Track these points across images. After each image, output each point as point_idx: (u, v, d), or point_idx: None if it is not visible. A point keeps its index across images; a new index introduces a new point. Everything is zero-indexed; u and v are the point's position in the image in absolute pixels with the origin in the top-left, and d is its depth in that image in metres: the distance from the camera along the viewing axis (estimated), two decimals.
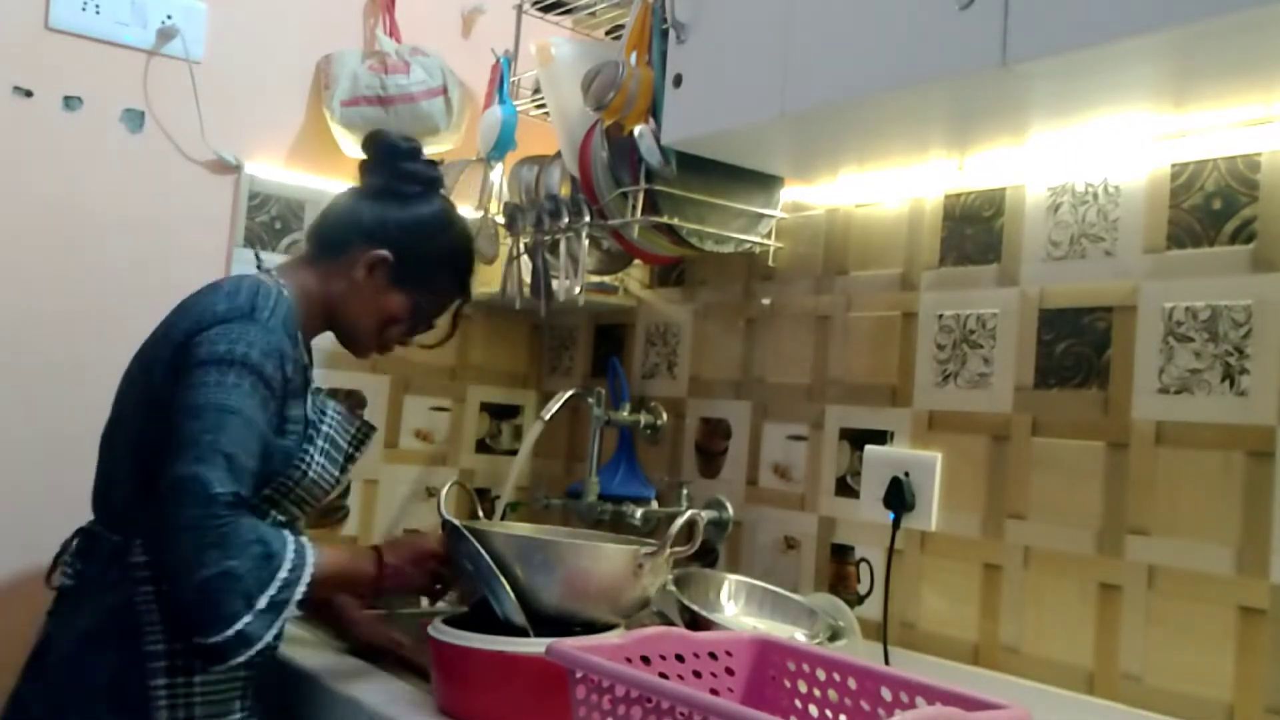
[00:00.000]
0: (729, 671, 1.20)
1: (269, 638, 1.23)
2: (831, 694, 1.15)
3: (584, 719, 1.06)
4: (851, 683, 1.13)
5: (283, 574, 1.25)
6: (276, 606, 1.24)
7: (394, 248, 1.48)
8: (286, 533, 1.30)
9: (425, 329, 1.59)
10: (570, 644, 1.08)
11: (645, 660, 1.14)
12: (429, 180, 1.55)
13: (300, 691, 1.49)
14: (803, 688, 1.18)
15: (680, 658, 1.17)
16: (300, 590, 1.26)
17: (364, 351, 1.57)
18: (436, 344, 1.63)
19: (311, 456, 1.40)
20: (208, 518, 1.21)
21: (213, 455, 1.24)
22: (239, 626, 1.20)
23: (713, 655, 1.19)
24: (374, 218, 1.50)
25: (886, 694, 1.10)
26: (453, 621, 1.30)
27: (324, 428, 1.43)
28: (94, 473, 1.47)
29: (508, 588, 1.28)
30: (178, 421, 1.26)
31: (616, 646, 1.12)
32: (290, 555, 1.27)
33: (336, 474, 1.46)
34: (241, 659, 1.22)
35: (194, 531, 1.21)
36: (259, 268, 1.52)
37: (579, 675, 1.06)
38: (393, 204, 1.52)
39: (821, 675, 1.16)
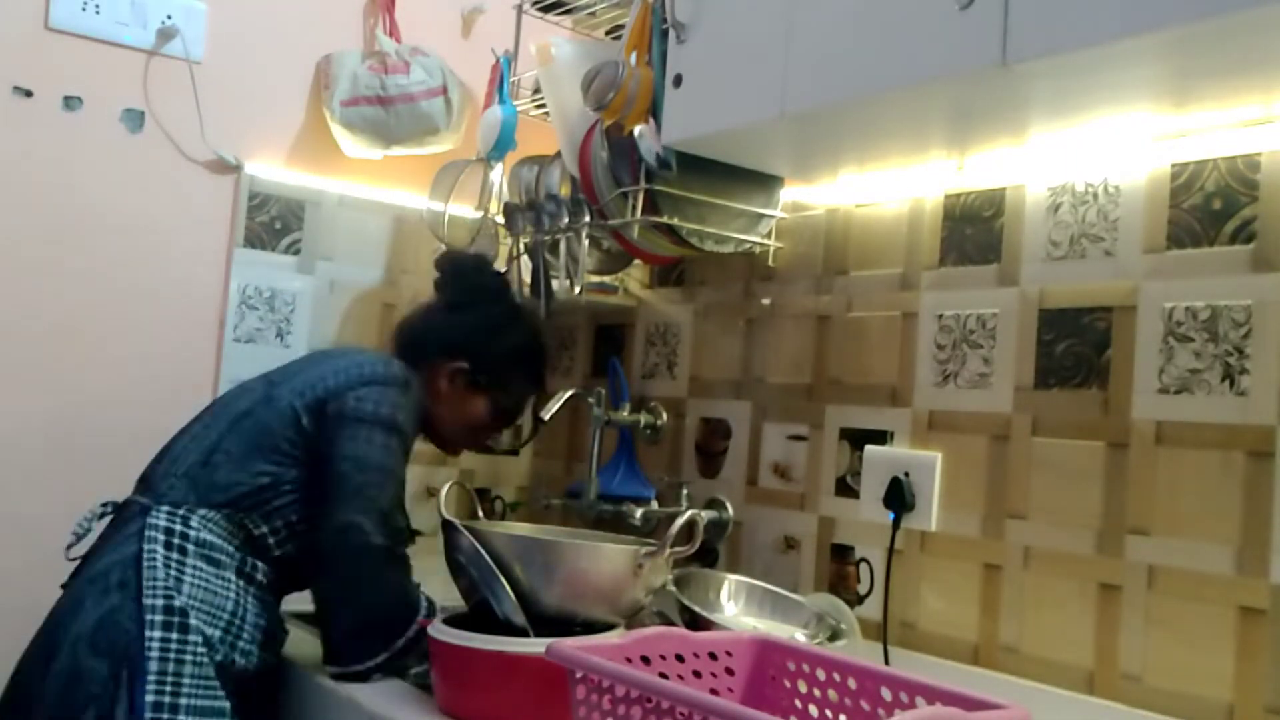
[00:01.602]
0: (729, 671, 1.20)
1: (389, 668, 1.39)
2: (831, 694, 1.15)
3: (584, 719, 1.06)
4: (851, 683, 1.13)
5: (418, 621, 1.40)
6: (408, 647, 1.39)
7: (470, 356, 1.61)
8: (419, 588, 1.44)
9: (511, 424, 1.72)
10: (570, 644, 1.08)
11: (645, 660, 1.13)
12: (496, 289, 1.69)
13: (300, 691, 1.49)
14: (803, 688, 1.18)
15: (680, 658, 1.17)
16: (416, 628, 1.39)
17: (450, 450, 1.72)
18: (522, 444, 1.79)
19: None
20: (366, 559, 1.38)
21: (373, 509, 1.39)
22: (377, 662, 1.38)
23: (713, 655, 1.19)
24: (452, 329, 1.64)
25: (886, 694, 1.10)
26: (453, 621, 1.30)
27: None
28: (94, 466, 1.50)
29: (508, 588, 1.28)
30: (345, 470, 1.40)
31: (616, 646, 1.12)
32: (424, 606, 1.42)
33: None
34: (369, 679, 1.38)
35: (350, 571, 1.38)
36: None
37: (579, 675, 1.06)
38: (467, 315, 1.64)
39: (821, 675, 1.16)
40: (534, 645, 1.22)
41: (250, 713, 1.44)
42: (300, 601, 1.48)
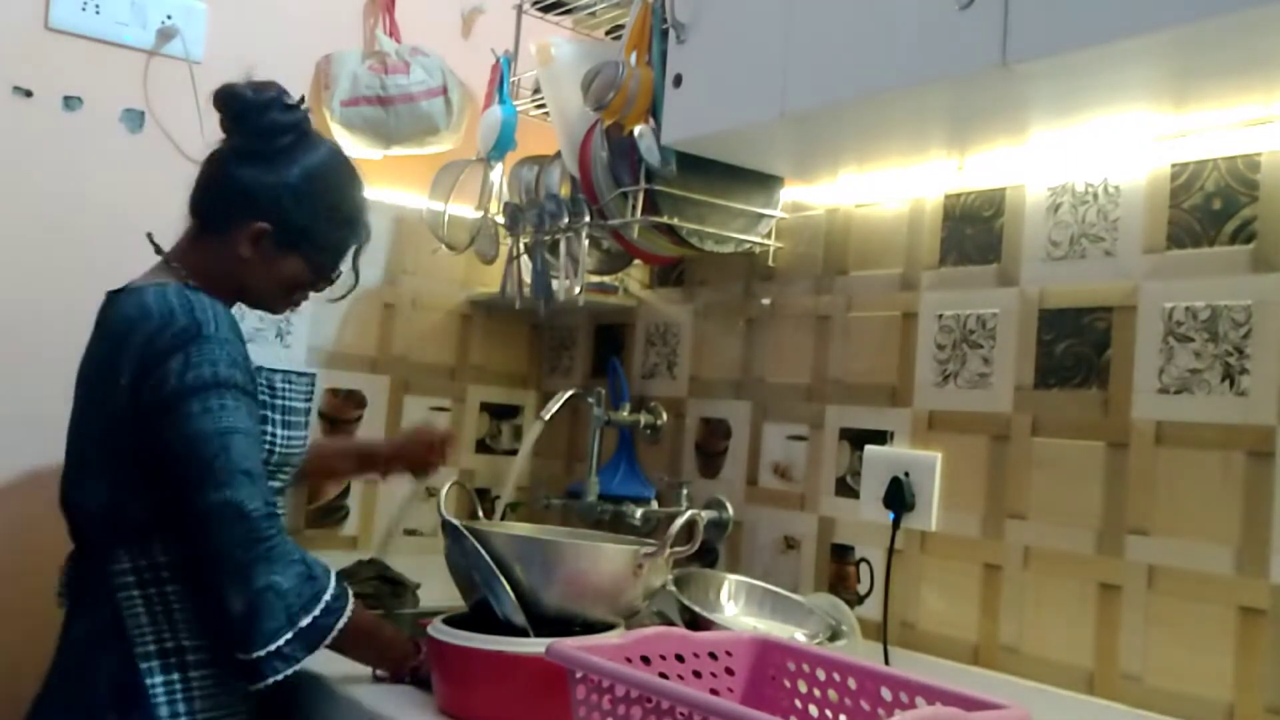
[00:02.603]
0: (729, 671, 1.20)
1: (304, 659, 1.26)
2: (831, 694, 1.15)
3: (584, 719, 1.06)
4: (851, 683, 1.13)
5: (327, 598, 1.27)
6: (317, 630, 1.26)
7: (270, 216, 1.40)
8: (329, 565, 1.32)
9: (331, 280, 1.51)
10: (570, 644, 1.08)
11: (645, 660, 1.14)
12: (292, 127, 1.44)
13: (300, 691, 1.49)
14: (803, 688, 1.18)
15: (680, 658, 1.17)
16: (341, 621, 1.28)
17: (276, 312, 1.52)
18: (344, 295, 1.55)
19: (274, 435, 1.39)
20: (250, 534, 1.24)
21: (232, 476, 1.26)
22: (279, 644, 1.23)
23: (713, 655, 1.19)
24: (244, 186, 1.42)
25: (886, 694, 1.10)
26: (453, 621, 1.30)
27: (278, 400, 1.41)
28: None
29: (508, 588, 1.28)
30: (182, 454, 1.27)
31: (616, 646, 1.12)
32: (333, 585, 1.29)
33: (305, 435, 1.45)
34: (277, 678, 1.24)
35: (239, 550, 1.24)
36: (157, 252, 1.49)
37: (579, 675, 1.06)
38: (260, 167, 1.42)
39: (821, 675, 1.16)
40: (534, 645, 1.22)
41: (273, 711, 1.42)
42: None
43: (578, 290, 1.84)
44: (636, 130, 1.63)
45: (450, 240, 2.10)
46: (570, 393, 1.88)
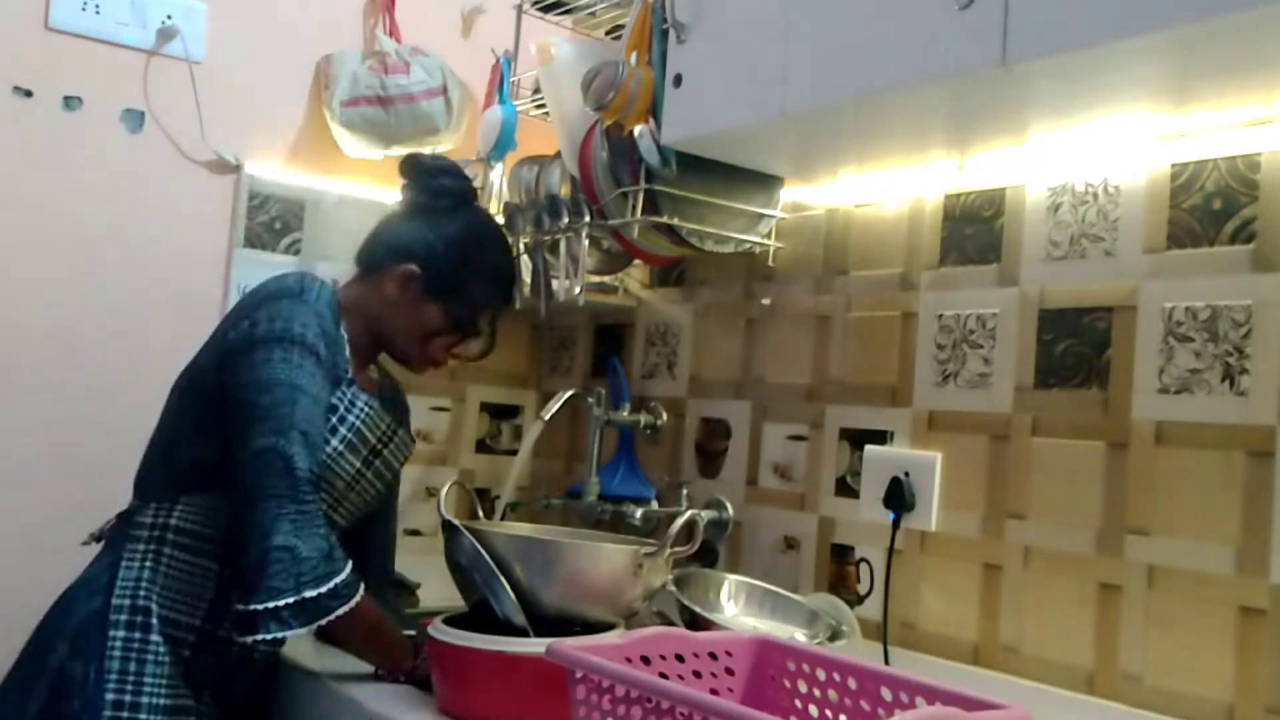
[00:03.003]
0: (729, 671, 1.20)
1: (298, 630, 1.25)
2: (831, 694, 1.15)
3: (584, 719, 1.06)
4: (851, 683, 1.13)
5: (337, 580, 1.27)
6: (319, 607, 1.26)
7: (422, 261, 1.50)
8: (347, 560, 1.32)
9: (471, 338, 1.59)
10: (570, 644, 1.08)
11: (645, 660, 1.14)
12: (459, 193, 1.57)
13: (300, 691, 1.49)
14: (803, 688, 1.18)
15: (680, 658, 1.17)
16: (345, 607, 1.28)
17: (414, 366, 1.57)
18: (479, 356, 1.64)
19: (333, 445, 1.40)
20: (290, 490, 1.26)
21: (290, 430, 1.28)
22: (279, 604, 1.23)
23: (713, 655, 1.19)
24: (405, 234, 1.54)
25: (886, 694, 1.10)
26: (453, 621, 1.30)
27: (350, 418, 1.43)
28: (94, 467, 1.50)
29: (508, 587, 1.29)
30: (247, 396, 1.30)
31: (616, 646, 1.12)
32: (348, 573, 1.29)
33: (357, 465, 1.45)
34: (265, 638, 1.24)
35: (274, 501, 1.25)
36: None
37: (579, 675, 1.06)
38: (424, 220, 1.54)
39: (821, 675, 1.16)
40: (534, 645, 1.22)
41: (235, 710, 1.44)
42: None
43: (578, 290, 1.84)
44: (636, 130, 1.63)
45: None
46: (570, 393, 1.88)
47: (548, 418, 1.84)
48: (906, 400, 1.62)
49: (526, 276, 2.00)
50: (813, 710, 1.17)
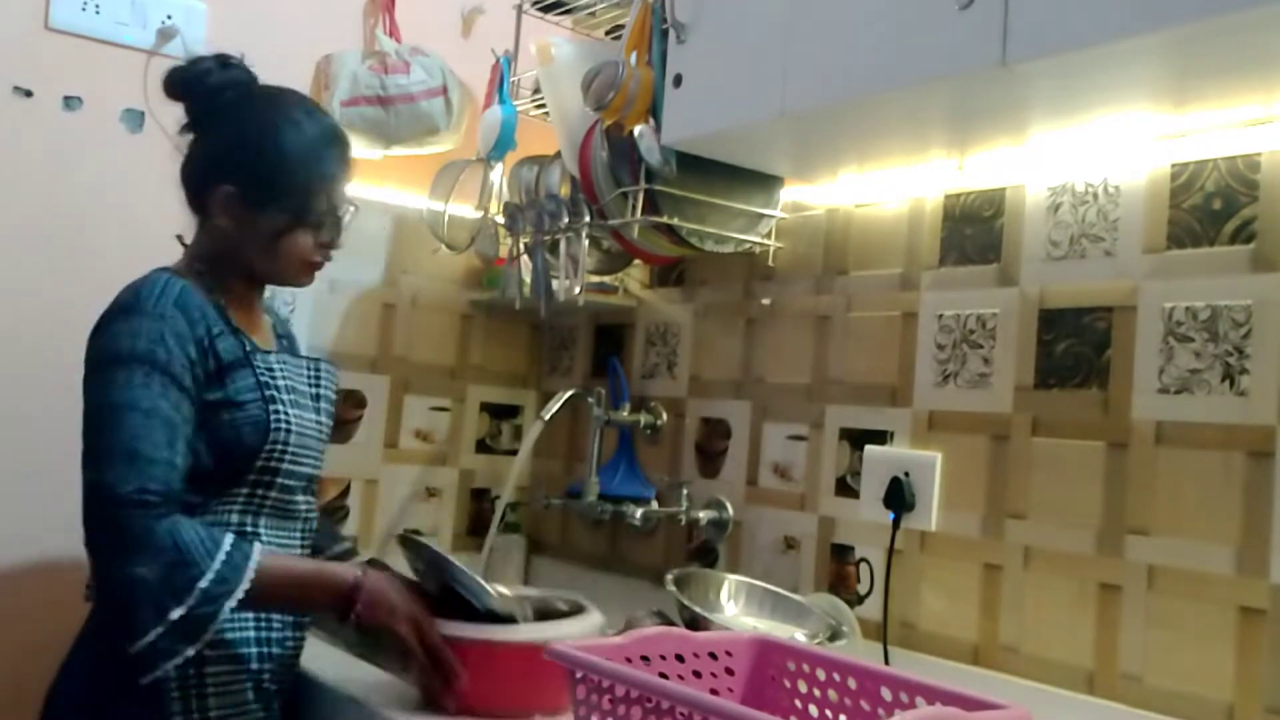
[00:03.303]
0: (729, 671, 1.20)
1: (191, 649, 1.19)
2: (831, 694, 1.15)
3: (584, 718, 1.06)
4: (851, 683, 1.13)
5: (204, 584, 1.18)
6: (195, 621, 1.18)
7: (231, 175, 1.37)
8: (226, 538, 1.23)
9: (326, 230, 1.43)
10: (570, 644, 1.08)
11: (645, 660, 1.14)
12: (231, 84, 1.41)
13: (300, 691, 1.49)
14: (803, 688, 1.18)
15: (680, 658, 1.17)
16: (228, 603, 1.20)
17: (291, 280, 1.46)
18: (335, 239, 1.46)
19: (283, 414, 1.36)
20: (113, 520, 1.19)
21: (109, 457, 1.21)
22: (150, 638, 1.17)
23: (713, 655, 1.20)
24: (205, 156, 1.41)
25: (886, 694, 1.10)
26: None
27: (280, 381, 1.38)
28: None
29: (481, 580, 1.29)
30: (85, 426, 1.25)
31: (617, 646, 1.12)
32: (217, 565, 1.20)
33: (317, 418, 1.43)
34: (164, 671, 1.20)
35: (101, 535, 1.20)
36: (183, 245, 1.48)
37: (579, 675, 1.06)
38: (210, 132, 1.41)
39: (821, 675, 1.16)
40: (522, 631, 1.24)
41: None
42: None
43: (578, 290, 1.84)
44: (636, 130, 1.63)
45: (450, 240, 2.10)
46: (570, 393, 1.88)
47: (548, 418, 1.84)
48: (906, 400, 1.62)
49: (526, 276, 2.00)
50: (813, 710, 1.17)
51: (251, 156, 1.38)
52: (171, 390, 1.26)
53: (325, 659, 1.54)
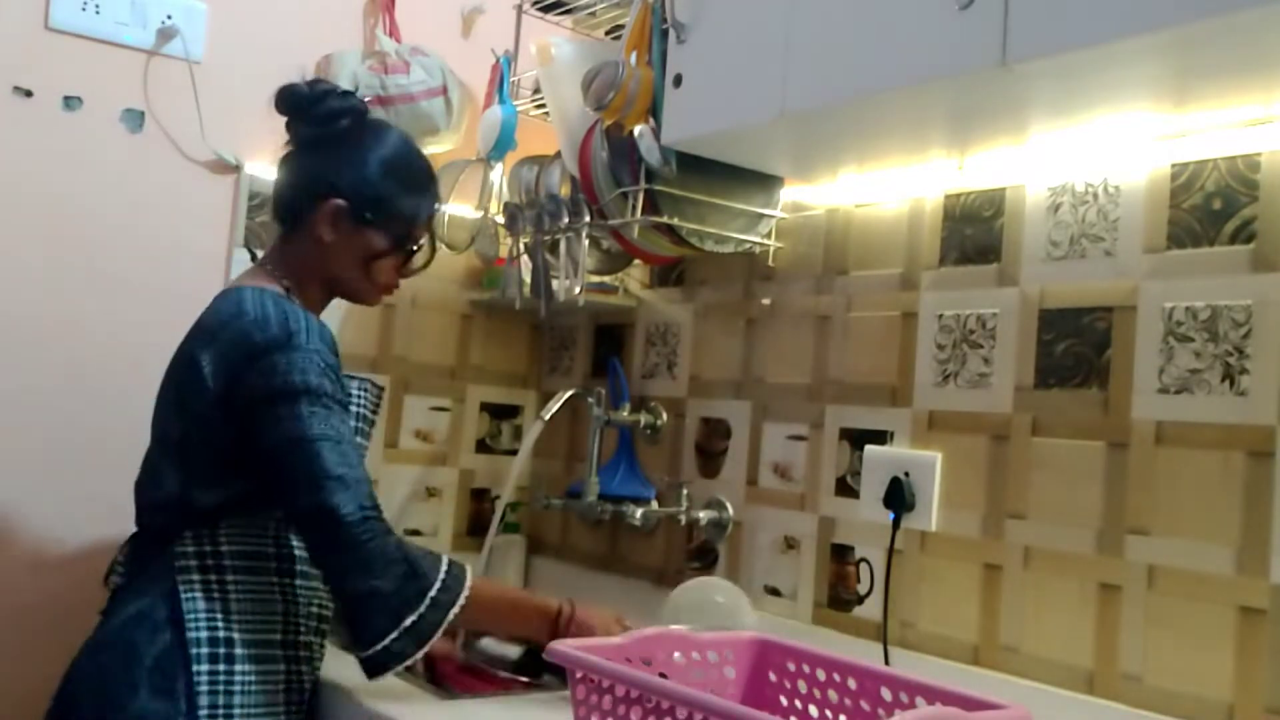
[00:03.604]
0: (729, 672, 1.20)
1: (419, 654, 1.30)
2: (831, 694, 1.15)
3: (584, 719, 1.06)
4: (851, 683, 1.13)
5: (433, 593, 1.31)
6: (425, 625, 1.30)
7: (343, 191, 1.46)
8: (443, 556, 1.36)
9: (414, 255, 1.55)
10: (570, 644, 1.09)
11: (645, 661, 1.14)
12: (351, 111, 1.51)
13: (317, 697, 1.49)
14: (803, 688, 1.18)
15: (680, 659, 1.17)
16: (452, 613, 1.32)
17: (368, 299, 1.57)
18: (423, 267, 1.59)
19: (363, 442, 1.48)
20: (345, 540, 1.29)
21: (324, 482, 1.29)
22: (385, 643, 1.28)
23: (713, 656, 1.20)
24: (316, 170, 1.49)
25: (886, 694, 1.10)
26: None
27: (353, 407, 1.47)
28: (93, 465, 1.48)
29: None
30: (277, 458, 1.31)
31: (617, 647, 1.13)
32: (442, 576, 1.33)
33: (366, 444, 1.52)
34: (394, 672, 1.30)
35: (334, 557, 1.30)
36: (254, 261, 1.54)
37: (579, 675, 1.07)
38: (328, 150, 1.50)
39: (821, 675, 1.16)
40: None
41: None
42: None
43: (578, 290, 1.84)
44: (636, 130, 1.63)
45: (450, 240, 2.10)
46: (570, 393, 1.88)
47: (548, 418, 1.84)
48: (906, 400, 1.62)
49: (526, 276, 2.00)
50: (813, 710, 1.17)
51: (367, 178, 1.47)
52: (344, 416, 1.37)
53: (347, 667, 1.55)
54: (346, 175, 1.47)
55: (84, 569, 1.82)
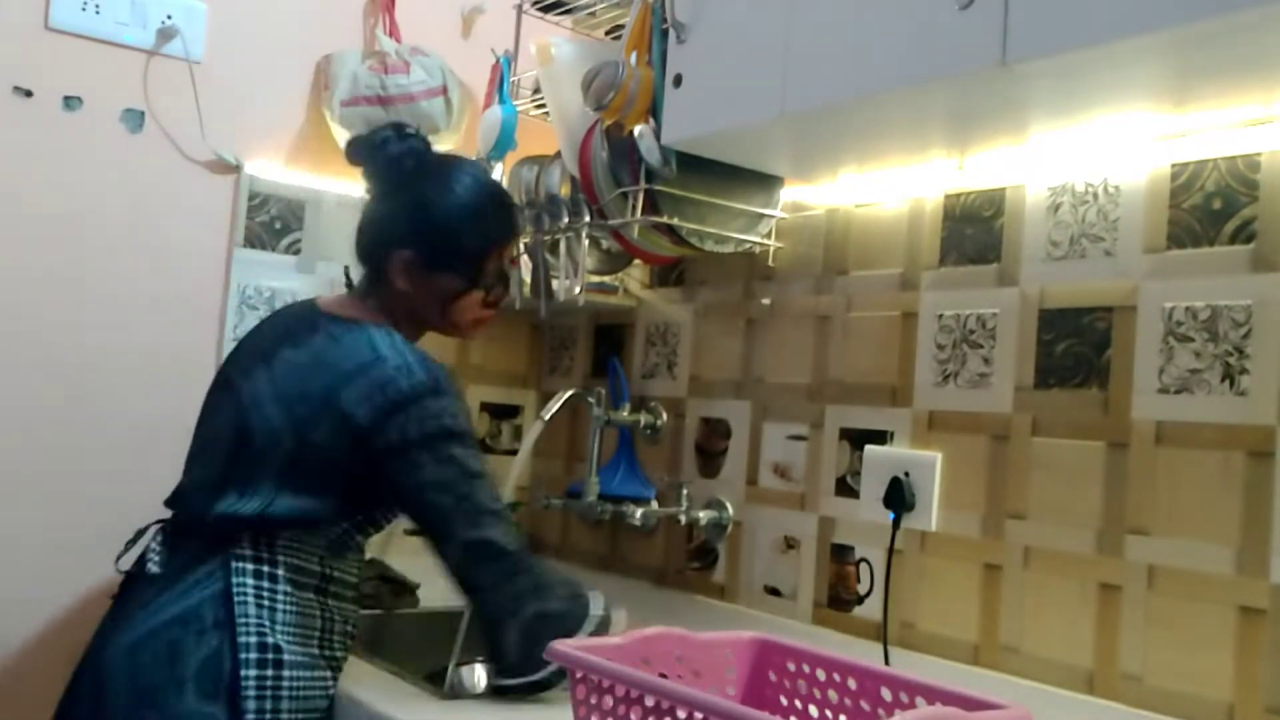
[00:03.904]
0: (728, 672, 1.20)
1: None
2: (831, 694, 1.15)
3: (584, 719, 1.06)
4: (851, 683, 1.13)
5: (597, 611, 1.38)
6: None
7: (410, 242, 1.49)
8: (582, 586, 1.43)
9: (496, 287, 1.57)
10: (571, 644, 1.09)
11: (645, 661, 1.14)
12: (409, 154, 1.53)
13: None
14: (802, 688, 1.18)
15: (680, 659, 1.17)
16: (606, 622, 1.38)
17: (462, 334, 1.60)
18: (504, 297, 1.61)
19: None
20: (509, 569, 1.35)
21: (484, 516, 1.36)
22: (553, 669, 1.32)
23: (712, 656, 1.20)
24: (385, 221, 1.52)
25: (886, 694, 1.10)
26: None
27: None
28: (93, 465, 1.46)
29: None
30: (430, 500, 1.36)
31: (617, 647, 1.12)
32: (599, 597, 1.40)
33: None
34: (559, 686, 1.35)
35: (502, 588, 1.34)
36: (349, 286, 1.56)
37: (579, 675, 1.06)
38: (390, 201, 1.52)
39: (821, 675, 1.16)
40: None
41: None
42: None
43: (578, 290, 1.84)
44: (636, 130, 1.63)
45: None
46: (570, 393, 1.88)
47: (548, 418, 1.84)
48: (906, 400, 1.62)
49: (526, 276, 2.00)
50: (812, 710, 1.17)
51: (428, 225, 1.50)
52: (482, 458, 1.43)
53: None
54: (412, 225, 1.50)
55: (85, 569, 1.82)
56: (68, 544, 1.75)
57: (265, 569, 1.36)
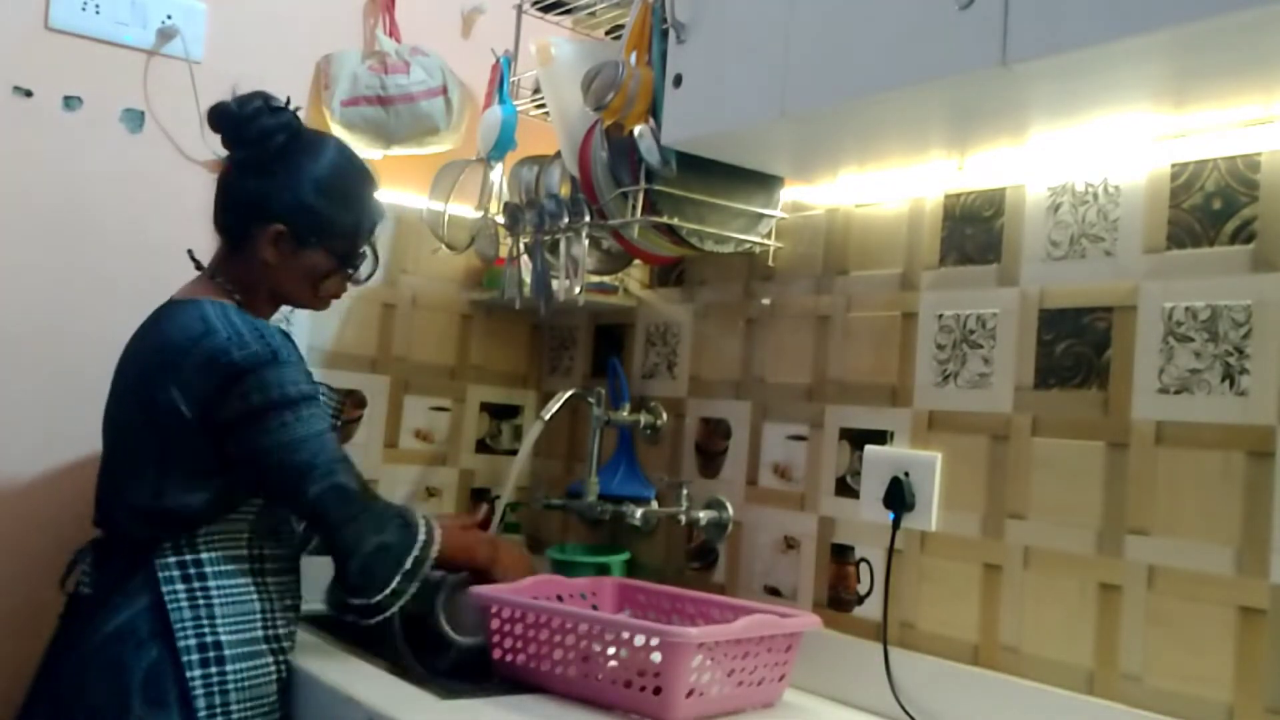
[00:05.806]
0: (595, 606, 1.74)
1: (412, 589, 1.47)
2: (675, 619, 1.72)
3: (499, 643, 1.54)
4: (690, 609, 1.68)
5: (421, 537, 1.49)
6: (418, 565, 1.47)
7: (283, 217, 1.51)
8: (415, 508, 1.56)
9: (360, 265, 1.63)
10: (487, 589, 1.57)
11: (536, 599, 1.58)
12: (281, 128, 1.53)
13: (299, 691, 1.49)
14: (653, 618, 1.74)
15: (561, 598, 1.69)
16: (433, 551, 1.49)
17: (316, 308, 1.65)
18: (369, 277, 1.66)
19: None
20: (357, 508, 1.45)
21: (331, 465, 1.44)
22: (393, 585, 1.44)
23: (584, 595, 1.74)
24: (254, 193, 1.53)
25: (717, 614, 1.65)
26: None
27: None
28: (92, 465, 1.51)
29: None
30: (282, 459, 1.42)
31: (518, 589, 1.61)
32: (423, 524, 1.51)
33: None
34: (392, 610, 1.45)
35: (351, 523, 1.44)
36: (197, 267, 1.60)
37: (494, 610, 1.54)
38: (263, 173, 1.53)
39: (666, 605, 1.73)
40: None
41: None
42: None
43: (578, 290, 1.84)
44: (636, 130, 1.63)
45: (450, 240, 2.10)
46: (570, 393, 1.88)
47: (548, 418, 1.84)
48: (906, 400, 1.62)
49: (527, 276, 2.00)
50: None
51: (305, 201, 1.52)
52: (327, 415, 1.51)
53: (321, 658, 1.55)
54: (285, 199, 1.51)
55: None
56: (63, 543, 1.73)
57: (192, 570, 1.39)
